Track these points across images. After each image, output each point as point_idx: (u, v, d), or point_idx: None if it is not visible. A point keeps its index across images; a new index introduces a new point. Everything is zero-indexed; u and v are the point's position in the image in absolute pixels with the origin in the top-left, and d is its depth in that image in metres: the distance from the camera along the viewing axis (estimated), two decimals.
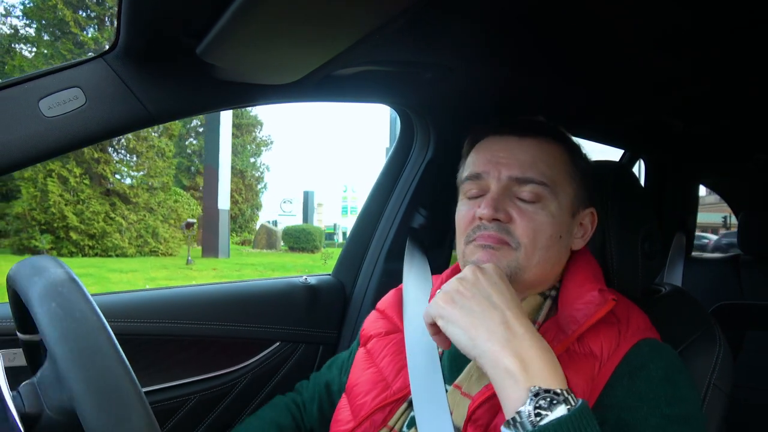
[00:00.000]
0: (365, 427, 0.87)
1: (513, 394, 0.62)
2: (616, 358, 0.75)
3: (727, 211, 21.57)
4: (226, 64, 0.92)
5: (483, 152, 0.87)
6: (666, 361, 0.75)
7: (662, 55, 1.06)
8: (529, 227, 0.80)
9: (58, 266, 0.57)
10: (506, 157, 0.84)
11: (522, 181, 0.82)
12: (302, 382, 1.15)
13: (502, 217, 0.80)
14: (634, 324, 0.80)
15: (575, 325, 0.77)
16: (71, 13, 15.09)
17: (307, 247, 17.93)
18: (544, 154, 0.84)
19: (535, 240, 0.81)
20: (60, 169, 14.02)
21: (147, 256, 15.17)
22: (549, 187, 0.82)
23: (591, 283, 0.82)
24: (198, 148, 22.13)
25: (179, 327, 1.21)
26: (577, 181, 0.87)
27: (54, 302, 0.51)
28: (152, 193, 15.81)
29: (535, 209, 0.81)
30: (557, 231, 0.83)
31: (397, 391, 0.88)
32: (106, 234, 14.46)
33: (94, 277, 10.27)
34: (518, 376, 0.62)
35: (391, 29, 0.78)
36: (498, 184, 0.83)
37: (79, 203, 14.23)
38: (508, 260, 0.80)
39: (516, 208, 0.81)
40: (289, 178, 50.90)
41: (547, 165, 0.83)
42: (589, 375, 0.74)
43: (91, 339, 0.50)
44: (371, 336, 1.01)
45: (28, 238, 13.59)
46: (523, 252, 0.80)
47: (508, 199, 0.82)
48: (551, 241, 0.82)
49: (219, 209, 15.11)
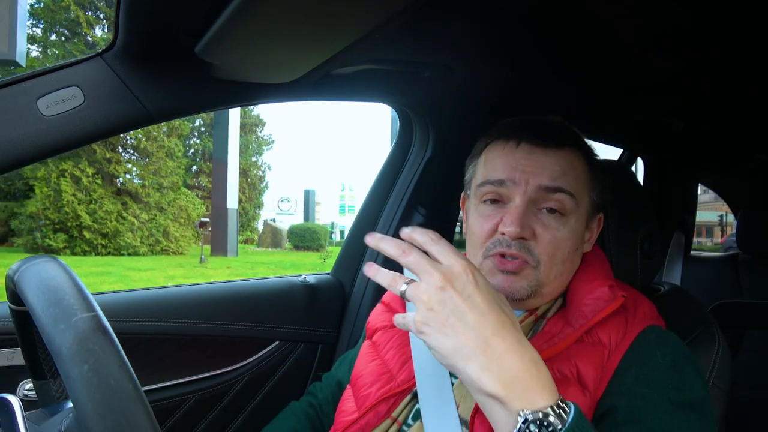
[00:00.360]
0: (369, 418, 0.86)
1: (501, 419, 0.57)
2: (624, 345, 0.75)
3: (723, 209, 21.56)
4: (224, 62, 0.91)
5: (505, 157, 0.82)
6: (672, 348, 0.75)
7: (662, 54, 1.05)
8: (551, 245, 0.78)
9: (83, 305, 0.51)
10: (532, 167, 0.79)
11: (551, 190, 0.79)
12: (315, 384, 1.13)
13: (527, 235, 0.77)
14: (641, 312, 0.80)
15: (583, 319, 0.77)
16: (83, 14, 15.16)
17: (312, 245, 17.96)
18: (570, 166, 0.81)
19: (554, 256, 0.79)
20: (73, 168, 14.12)
21: (158, 254, 15.25)
22: (575, 198, 0.80)
23: (601, 279, 0.82)
24: (201, 147, 22.15)
25: (178, 326, 1.20)
26: (594, 193, 0.85)
27: (86, 364, 0.47)
28: (162, 192, 15.88)
29: (558, 225, 0.79)
30: (575, 244, 0.82)
31: (402, 383, 0.87)
32: (119, 233, 14.56)
33: (114, 275, 10.39)
34: (504, 401, 0.57)
35: (390, 28, 0.77)
36: (524, 196, 0.79)
37: (92, 203, 14.32)
38: (528, 281, 0.79)
39: (540, 223, 0.79)
40: (289, 177, 51.01)
41: (573, 177, 0.80)
42: (598, 363, 0.73)
43: (127, 414, 0.46)
44: (377, 329, 1.00)
45: (42, 237, 13.67)
46: (542, 269, 0.79)
47: (532, 214, 0.79)
48: (569, 255, 0.81)
49: (228, 208, 15.15)
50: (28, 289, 0.53)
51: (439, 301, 0.59)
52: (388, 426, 0.84)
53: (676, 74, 1.18)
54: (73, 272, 0.55)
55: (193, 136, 23.73)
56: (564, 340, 0.75)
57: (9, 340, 1.00)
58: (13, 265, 0.59)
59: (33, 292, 0.52)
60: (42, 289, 0.52)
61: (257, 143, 25.31)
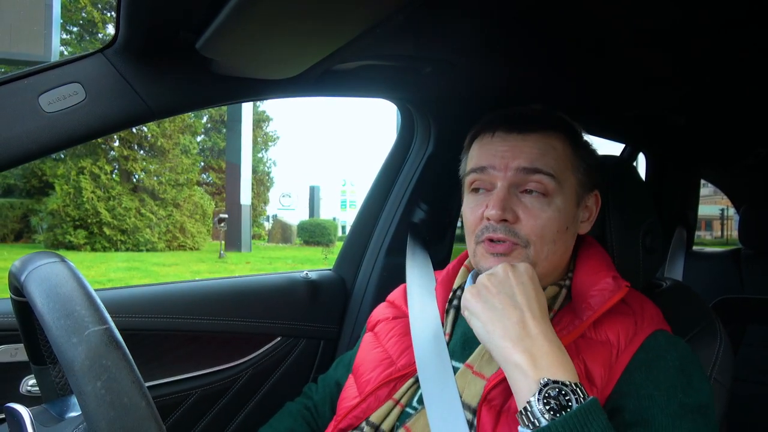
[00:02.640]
0: (370, 402, 0.86)
1: (523, 386, 0.64)
2: (633, 346, 0.75)
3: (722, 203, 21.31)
4: (225, 58, 0.89)
5: (487, 146, 0.85)
6: (680, 352, 0.75)
7: (663, 50, 1.03)
8: (537, 225, 0.79)
9: (95, 316, 0.50)
10: (511, 151, 0.82)
11: (530, 171, 0.80)
12: (310, 385, 1.13)
13: (510, 217, 0.79)
14: (648, 315, 0.80)
15: (590, 311, 0.77)
16: (99, 14, 15.23)
17: (322, 240, 17.95)
18: (550, 147, 0.82)
19: (542, 236, 0.80)
20: (91, 166, 14.21)
21: (175, 250, 15.34)
22: (556, 179, 0.80)
23: (605, 271, 0.82)
24: (211, 144, 22.13)
25: (181, 322, 1.18)
26: (581, 170, 0.85)
27: (99, 381, 0.46)
28: (178, 189, 15.94)
29: (542, 205, 0.80)
30: (564, 223, 0.81)
31: (402, 368, 0.87)
32: (138, 229, 14.63)
33: (141, 270, 10.55)
34: (527, 371, 0.64)
35: (391, 24, 0.76)
36: (505, 180, 0.81)
37: (111, 199, 14.41)
38: (520, 261, 0.79)
39: (522, 206, 0.80)
40: (294, 173, 50.98)
41: (553, 158, 0.81)
42: (606, 362, 0.74)
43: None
44: (379, 321, 1.01)
45: (62, 234, 13.79)
46: (533, 249, 0.80)
47: (514, 197, 0.80)
48: (558, 234, 0.81)
49: (241, 204, 15.20)
50: (38, 296, 0.51)
51: (500, 280, 0.72)
52: (391, 408, 0.84)
53: (678, 69, 1.15)
54: (82, 276, 0.54)
55: (201, 133, 23.72)
56: (572, 332, 0.76)
57: (12, 336, 0.99)
58: (17, 262, 0.57)
59: (43, 301, 0.51)
60: (52, 298, 0.50)
61: (263, 140, 25.22)
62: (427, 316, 0.92)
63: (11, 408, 0.58)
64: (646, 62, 1.10)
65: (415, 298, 0.97)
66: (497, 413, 0.74)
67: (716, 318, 0.91)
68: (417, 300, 0.97)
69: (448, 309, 0.91)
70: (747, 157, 2.26)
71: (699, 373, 0.74)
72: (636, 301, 0.82)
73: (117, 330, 0.49)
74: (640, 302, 0.82)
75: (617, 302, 0.77)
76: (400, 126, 1.44)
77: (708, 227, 25.82)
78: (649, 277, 0.97)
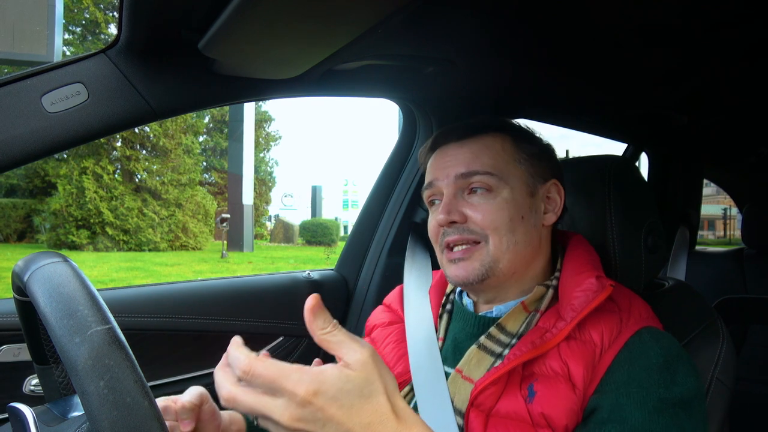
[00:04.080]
0: None
1: None
2: (617, 345, 0.73)
3: (725, 203, 21.15)
4: (227, 58, 0.89)
5: (432, 162, 0.89)
6: (666, 348, 0.73)
7: (666, 49, 1.03)
8: (486, 218, 0.81)
9: (98, 316, 0.49)
10: (449, 161, 0.85)
11: (468, 175, 0.83)
12: None
13: (457, 218, 0.81)
14: (635, 312, 0.78)
15: (574, 312, 0.75)
16: (102, 14, 15.25)
17: (324, 240, 17.95)
18: (485, 148, 0.84)
19: (496, 227, 0.80)
20: (94, 166, 14.23)
21: (178, 250, 15.35)
22: (495, 176, 0.82)
23: (589, 271, 0.80)
24: (213, 144, 22.13)
25: (183, 322, 1.18)
26: (524, 163, 0.85)
27: (102, 380, 0.46)
28: (181, 189, 15.96)
29: (487, 200, 0.81)
30: (517, 212, 0.82)
31: (398, 376, 0.87)
32: (140, 229, 14.64)
33: (143, 270, 10.55)
34: None
35: (393, 24, 0.76)
36: (448, 188, 0.84)
37: (113, 199, 14.43)
38: (481, 259, 0.81)
39: (469, 205, 0.82)
40: (295, 173, 50.87)
41: (489, 157, 0.83)
42: (589, 362, 0.72)
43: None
44: (375, 326, 1.01)
45: (65, 234, 13.82)
46: (491, 242, 0.80)
47: (461, 199, 0.83)
48: (514, 223, 0.81)
49: (243, 204, 15.21)
50: (41, 296, 0.51)
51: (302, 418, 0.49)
52: None
53: (680, 68, 1.15)
54: (85, 276, 0.53)
55: (203, 133, 23.68)
56: (556, 335, 0.75)
57: (15, 336, 0.99)
58: (20, 262, 0.57)
59: (46, 301, 0.50)
60: (55, 297, 0.50)
61: (265, 140, 25.21)
62: (421, 322, 0.92)
63: (14, 407, 0.58)
64: (648, 61, 1.10)
65: (411, 303, 0.98)
66: (486, 417, 0.73)
67: (719, 318, 0.91)
68: (413, 305, 0.98)
69: (441, 314, 0.92)
70: (750, 156, 2.26)
71: (686, 368, 0.72)
72: (624, 299, 0.80)
73: (120, 330, 0.49)
74: (629, 300, 0.80)
75: (603, 301, 0.76)
76: (402, 125, 1.44)
77: (711, 227, 25.75)
78: (652, 276, 0.97)
